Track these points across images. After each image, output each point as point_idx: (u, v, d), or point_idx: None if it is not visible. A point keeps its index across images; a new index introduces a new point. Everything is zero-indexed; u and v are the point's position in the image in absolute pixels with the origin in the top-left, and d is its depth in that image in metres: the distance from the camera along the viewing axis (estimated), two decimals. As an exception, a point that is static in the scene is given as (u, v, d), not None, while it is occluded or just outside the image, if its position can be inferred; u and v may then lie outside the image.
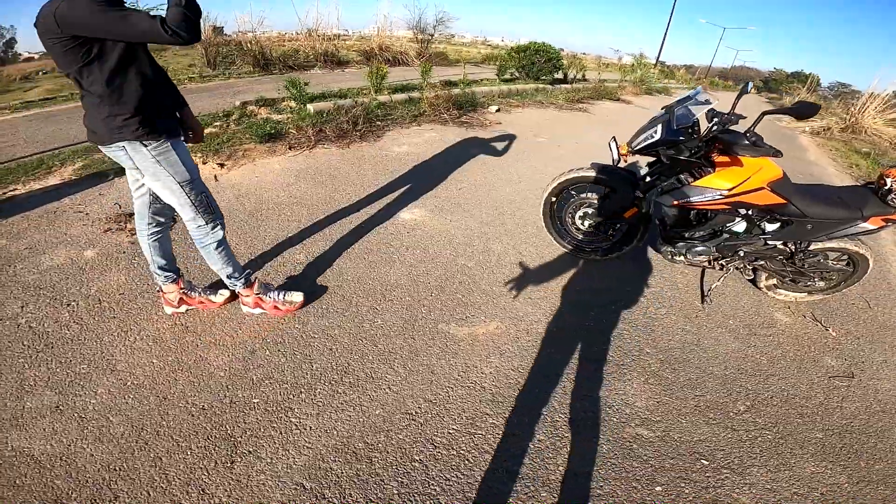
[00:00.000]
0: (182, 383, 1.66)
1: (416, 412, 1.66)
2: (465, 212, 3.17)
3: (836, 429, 1.86)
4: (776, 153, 2.01)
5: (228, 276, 1.89)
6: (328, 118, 4.75)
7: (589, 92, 9.19)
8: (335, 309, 2.12)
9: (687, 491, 1.53)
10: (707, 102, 2.10)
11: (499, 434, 1.61)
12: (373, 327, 2.04)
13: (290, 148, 4.05)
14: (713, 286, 2.63)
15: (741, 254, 2.46)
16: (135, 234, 2.50)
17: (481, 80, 8.64)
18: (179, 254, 2.27)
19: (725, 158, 2.19)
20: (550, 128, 6.07)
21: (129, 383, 1.63)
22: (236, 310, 2.02)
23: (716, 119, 2.09)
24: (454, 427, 1.62)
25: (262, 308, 1.99)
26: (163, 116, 1.54)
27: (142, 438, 1.45)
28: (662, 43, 21.04)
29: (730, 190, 2.14)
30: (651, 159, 2.46)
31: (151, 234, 1.80)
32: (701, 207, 2.26)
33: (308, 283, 2.26)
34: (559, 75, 9.97)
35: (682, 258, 2.53)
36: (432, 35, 10.95)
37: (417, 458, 1.50)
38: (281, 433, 1.52)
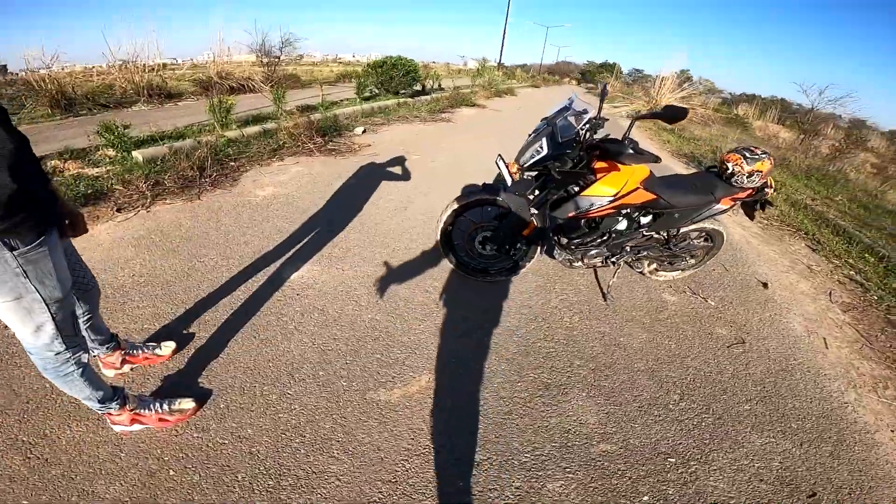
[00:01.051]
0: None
1: (379, 499, 1.43)
2: (356, 256, 2.85)
3: (756, 396, 2.06)
4: (656, 159, 2.13)
5: (101, 402, 1.46)
6: (165, 166, 3.96)
7: (448, 101, 9.48)
8: (238, 405, 1.72)
9: (671, 492, 1.57)
10: (585, 112, 2.15)
11: (476, 494, 1.48)
12: (292, 416, 1.70)
13: (118, 210, 3.24)
14: (610, 283, 2.76)
15: (627, 249, 2.62)
16: None
17: (341, 100, 8.26)
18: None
19: (603, 164, 2.27)
20: (421, 143, 6.03)
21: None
22: (104, 430, 1.57)
23: (587, 125, 2.15)
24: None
25: (143, 423, 1.58)
26: (36, 206, 1.04)
27: None
28: (502, 47, 22.98)
29: (615, 195, 2.22)
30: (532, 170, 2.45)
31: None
32: (593, 216, 2.32)
33: (192, 383, 1.81)
34: (418, 87, 10.10)
35: (580, 263, 2.60)
36: (279, 57, 10.17)
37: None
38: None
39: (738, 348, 2.37)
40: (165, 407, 1.62)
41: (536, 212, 2.38)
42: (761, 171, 2.44)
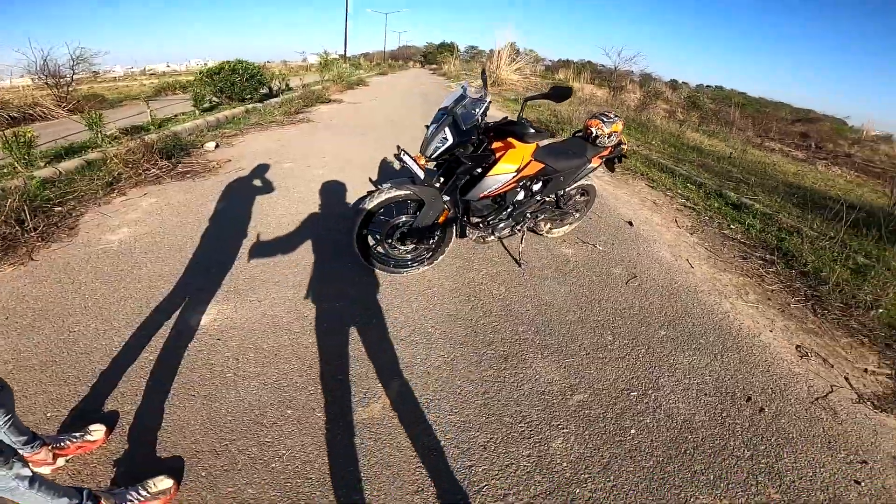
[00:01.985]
0: None
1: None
2: (267, 283, 2.57)
3: (665, 322, 2.45)
4: (552, 134, 2.35)
5: None
6: (-38, 229, 3.01)
7: (301, 100, 8.94)
8: (221, 468, 1.53)
9: (648, 420, 1.80)
10: (481, 99, 2.26)
11: (497, 472, 1.57)
12: (285, 463, 1.56)
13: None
14: (520, 249, 3.00)
15: (528, 215, 2.88)
16: None
17: (175, 115, 7.15)
18: None
19: (499, 143, 2.43)
20: (287, 149, 5.61)
21: None
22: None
23: (483, 110, 2.28)
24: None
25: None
26: None
27: None
28: (346, 38, 22.30)
29: (517, 171, 2.41)
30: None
31: None
32: (500, 192, 2.48)
33: (152, 459, 1.56)
34: (265, 90, 9.27)
35: (491, 238, 2.78)
36: (72, 78, 8.35)
37: None
38: None
39: (634, 282, 2.82)
40: (143, 492, 1.44)
41: (448, 198, 2.46)
42: (616, 132, 2.89)
